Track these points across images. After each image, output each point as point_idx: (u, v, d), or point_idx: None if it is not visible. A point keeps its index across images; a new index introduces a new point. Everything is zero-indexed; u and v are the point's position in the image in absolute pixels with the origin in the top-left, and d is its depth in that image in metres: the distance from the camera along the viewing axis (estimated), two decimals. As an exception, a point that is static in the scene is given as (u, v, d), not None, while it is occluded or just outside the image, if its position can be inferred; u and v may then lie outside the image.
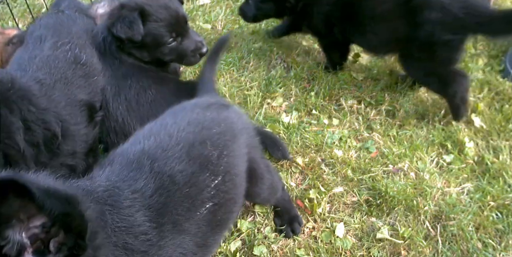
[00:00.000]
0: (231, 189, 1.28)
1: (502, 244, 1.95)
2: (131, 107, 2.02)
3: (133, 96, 2.05)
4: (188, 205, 1.14)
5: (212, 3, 3.37)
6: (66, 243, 0.68)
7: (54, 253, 0.68)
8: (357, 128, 2.46)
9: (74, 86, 1.84)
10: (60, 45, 1.90)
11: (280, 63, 2.89)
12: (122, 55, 2.11)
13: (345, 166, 2.23)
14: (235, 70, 2.76)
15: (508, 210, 2.06)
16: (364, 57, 2.96)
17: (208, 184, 1.20)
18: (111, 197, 1.01)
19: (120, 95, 2.05)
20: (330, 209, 2.07)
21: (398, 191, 2.09)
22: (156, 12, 2.07)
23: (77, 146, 1.81)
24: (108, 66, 2.10)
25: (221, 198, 1.23)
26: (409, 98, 2.65)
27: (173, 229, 1.08)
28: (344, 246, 1.91)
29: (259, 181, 1.56)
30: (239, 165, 1.35)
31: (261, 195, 1.62)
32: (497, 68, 2.91)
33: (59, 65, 1.82)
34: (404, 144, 2.37)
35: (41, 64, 1.79)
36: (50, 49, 1.87)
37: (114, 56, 2.10)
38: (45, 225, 0.67)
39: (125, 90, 2.06)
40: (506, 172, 2.22)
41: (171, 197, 1.11)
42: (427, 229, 2.00)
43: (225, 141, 1.30)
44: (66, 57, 1.87)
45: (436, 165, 2.29)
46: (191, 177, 1.17)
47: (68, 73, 1.83)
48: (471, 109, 2.61)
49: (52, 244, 0.68)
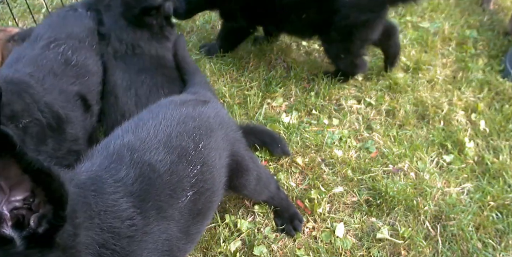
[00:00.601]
0: (209, 179, 1.33)
1: (502, 244, 1.95)
2: (141, 102, 2.00)
3: (144, 92, 2.03)
4: (170, 192, 1.18)
5: (212, 3, 3.37)
6: (46, 215, 0.68)
7: (34, 228, 0.67)
8: (357, 128, 2.46)
9: (63, 81, 1.83)
10: (53, 46, 1.88)
11: (280, 63, 2.88)
12: (140, 48, 2.11)
13: (345, 166, 2.23)
14: (235, 70, 2.76)
15: (508, 210, 2.06)
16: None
17: (187, 173, 1.25)
18: (94, 184, 1.04)
19: (131, 89, 2.04)
20: (330, 209, 2.07)
21: (398, 191, 2.09)
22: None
23: (79, 131, 1.84)
24: (122, 61, 2.09)
25: (200, 187, 1.28)
26: (409, 98, 2.65)
27: (157, 215, 1.11)
28: (344, 246, 1.91)
29: (244, 173, 1.61)
30: (217, 158, 1.40)
31: (247, 186, 1.67)
32: (497, 68, 2.92)
33: (47, 64, 1.81)
34: (404, 144, 2.37)
35: (28, 62, 1.78)
36: (41, 49, 1.86)
37: (132, 50, 2.10)
38: (26, 199, 0.66)
39: (137, 85, 2.04)
40: (506, 172, 2.22)
41: (152, 184, 1.15)
42: (427, 229, 2.00)
43: (200, 135, 1.36)
44: (56, 58, 1.85)
45: (436, 165, 2.29)
46: (171, 165, 1.21)
47: (57, 70, 1.82)
48: (471, 109, 2.62)
49: (32, 219, 0.67)
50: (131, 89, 2.04)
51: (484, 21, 3.38)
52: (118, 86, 2.06)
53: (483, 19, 3.39)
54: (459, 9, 3.50)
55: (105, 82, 2.10)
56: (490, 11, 3.49)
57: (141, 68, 2.11)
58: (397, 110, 2.57)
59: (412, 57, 2.95)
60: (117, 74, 2.09)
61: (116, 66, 2.11)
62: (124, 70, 2.10)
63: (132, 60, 2.13)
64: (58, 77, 1.81)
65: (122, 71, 2.09)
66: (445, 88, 2.76)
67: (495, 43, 3.15)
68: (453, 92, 2.72)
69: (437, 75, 2.83)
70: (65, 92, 1.79)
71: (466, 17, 3.42)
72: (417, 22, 3.32)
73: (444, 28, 3.22)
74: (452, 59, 3.00)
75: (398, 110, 2.57)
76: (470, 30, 3.24)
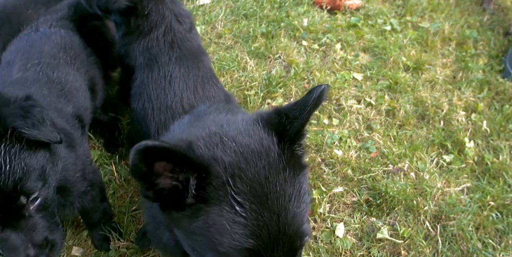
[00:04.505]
0: None
1: (502, 244, 1.95)
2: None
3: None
4: None
5: (212, 3, 3.37)
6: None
7: (190, 192, 0.88)
8: (357, 128, 2.46)
9: (57, 101, 1.76)
10: (29, 66, 1.79)
11: (280, 63, 2.89)
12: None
13: (345, 166, 2.23)
14: (235, 70, 2.76)
15: (508, 210, 2.06)
16: (364, 57, 2.97)
17: None
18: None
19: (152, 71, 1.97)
20: (330, 209, 2.07)
21: (398, 191, 2.09)
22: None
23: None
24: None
25: None
26: (409, 98, 2.65)
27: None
28: (344, 246, 1.91)
29: None
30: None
31: None
32: (497, 68, 2.92)
33: (31, 85, 1.72)
34: (404, 144, 2.37)
35: (13, 87, 1.68)
36: (18, 72, 1.77)
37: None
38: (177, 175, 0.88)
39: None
40: (506, 172, 2.22)
41: None
42: (427, 229, 2.00)
43: None
44: (38, 77, 1.77)
45: (436, 165, 2.29)
46: None
47: (44, 91, 1.74)
48: (471, 109, 2.62)
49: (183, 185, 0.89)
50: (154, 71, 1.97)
51: (484, 21, 3.38)
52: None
53: (483, 19, 3.39)
54: (459, 9, 3.50)
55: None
56: (491, 11, 3.49)
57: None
58: (397, 110, 2.57)
59: (412, 57, 2.95)
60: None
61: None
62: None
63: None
64: (48, 97, 1.74)
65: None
66: (445, 88, 2.76)
67: (495, 43, 3.15)
68: (453, 92, 2.72)
69: (437, 75, 2.84)
70: (61, 111, 1.74)
71: (466, 17, 3.42)
72: (417, 22, 3.32)
73: (444, 28, 3.22)
74: (452, 59, 3.00)
75: (398, 110, 2.57)
76: (470, 30, 3.24)
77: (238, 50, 2.94)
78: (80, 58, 2.00)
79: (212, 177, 0.87)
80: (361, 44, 3.08)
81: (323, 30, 3.14)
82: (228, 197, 0.86)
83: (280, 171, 0.91)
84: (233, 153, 0.89)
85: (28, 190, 1.22)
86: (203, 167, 0.86)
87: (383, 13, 3.35)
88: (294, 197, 0.90)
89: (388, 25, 3.24)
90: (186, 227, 0.92)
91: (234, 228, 0.85)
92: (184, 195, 0.88)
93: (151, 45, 1.96)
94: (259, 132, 0.94)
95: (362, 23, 3.24)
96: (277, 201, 0.88)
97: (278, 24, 3.15)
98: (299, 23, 3.16)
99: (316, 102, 0.89)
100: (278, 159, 0.91)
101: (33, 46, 1.91)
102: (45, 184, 1.28)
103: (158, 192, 0.89)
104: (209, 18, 3.22)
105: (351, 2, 3.37)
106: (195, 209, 0.88)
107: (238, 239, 0.85)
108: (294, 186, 0.92)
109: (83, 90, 1.94)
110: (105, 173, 2.15)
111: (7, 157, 1.18)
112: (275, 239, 0.87)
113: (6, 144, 1.19)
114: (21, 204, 1.23)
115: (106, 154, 2.29)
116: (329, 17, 3.30)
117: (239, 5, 3.30)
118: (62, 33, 2.02)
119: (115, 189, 2.10)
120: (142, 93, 1.90)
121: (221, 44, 2.97)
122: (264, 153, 0.90)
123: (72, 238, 1.94)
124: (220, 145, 0.90)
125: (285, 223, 0.88)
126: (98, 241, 1.91)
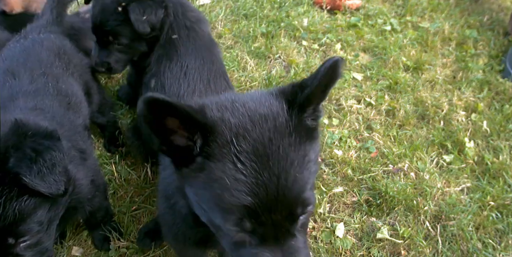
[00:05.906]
0: None
1: (502, 244, 1.95)
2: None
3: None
4: None
5: (212, 3, 3.37)
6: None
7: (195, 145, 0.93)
8: (357, 128, 2.46)
9: (69, 113, 1.73)
10: (35, 77, 1.73)
11: (280, 63, 2.89)
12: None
13: (345, 166, 2.23)
14: (235, 70, 2.76)
15: (508, 210, 2.06)
16: (364, 57, 2.97)
17: None
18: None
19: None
20: (330, 209, 2.07)
21: (398, 191, 2.09)
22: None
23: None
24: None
25: None
26: (409, 98, 2.65)
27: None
28: (344, 246, 1.91)
29: None
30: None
31: None
32: (497, 68, 2.92)
33: (44, 98, 1.68)
34: (404, 144, 2.37)
35: (25, 99, 1.64)
36: (29, 84, 1.70)
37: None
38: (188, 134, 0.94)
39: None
40: (506, 172, 2.22)
41: None
42: (427, 229, 2.00)
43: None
44: (48, 89, 1.72)
45: (436, 165, 2.29)
46: None
47: (55, 102, 1.71)
48: (471, 109, 2.62)
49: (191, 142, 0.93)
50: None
51: (484, 21, 3.38)
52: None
53: (483, 19, 3.39)
54: (459, 9, 3.50)
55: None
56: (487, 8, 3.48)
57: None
58: (397, 110, 2.57)
59: (412, 57, 2.95)
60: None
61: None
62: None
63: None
64: (60, 110, 1.69)
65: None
66: (445, 88, 2.76)
67: (495, 43, 3.15)
68: (453, 92, 2.71)
69: (437, 75, 2.83)
70: (73, 124, 1.69)
71: (466, 17, 3.41)
72: (417, 22, 3.32)
73: (444, 28, 3.22)
74: (452, 59, 3.00)
75: (398, 110, 2.57)
76: (470, 30, 3.24)
77: (238, 50, 2.94)
78: (73, 63, 1.97)
79: (216, 135, 0.90)
80: (361, 44, 3.08)
81: (323, 30, 3.14)
82: (231, 155, 0.89)
83: (285, 136, 0.93)
84: (240, 116, 0.93)
85: (19, 233, 1.18)
86: (207, 126, 0.90)
87: (383, 13, 3.35)
88: (296, 162, 0.92)
89: (388, 25, 3.24)
90: (193, 182, 0.96)
91: (234, 184, 0.88)
92: (194, 150, 0.93)
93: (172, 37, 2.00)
94: (270, 99, 0.97)
95: (362, 23, 3.24)
96: (278, 163, 0.90)
97: (278, 24, 3.15)
98: (299, 23, 3.16)
99: (327, 71, 0.90)
100: (285, 124, 0.94)
101: (29, 54, 1.86)
102: (41, 228, 1.23)
103: (173, 148, 0.94)
104: (209, 18, 3.21)
105: (351, 2, 3.37)
106: (201, 164, 0.92)
107: (237, 195, 0.88)
108: (298, 152, 0.93)
109: (83, 99, 1.91)
110: (105, 173, 2.15)
111: (2, 200, 1.12)
112: (273, 200, 0.88)
113: (4, 188, 1.13)
114: (9, 244, 1.18)
115: (106, 154, 2.29)
116: (329, 17, 3.30)
117: (239, 5, 3.30)
118: (52, 38, 1.98)
119: (115, 189, 2.10)
120: (157, 81, 1.94)
121: (221, 44, 2.97)
122: (271, 117, 0.93)
123: (72, 238, 1.94)
124: (230, 108, 0.94)
125: (285, 185, 0.89)
126: (98, 241, 1.91)
